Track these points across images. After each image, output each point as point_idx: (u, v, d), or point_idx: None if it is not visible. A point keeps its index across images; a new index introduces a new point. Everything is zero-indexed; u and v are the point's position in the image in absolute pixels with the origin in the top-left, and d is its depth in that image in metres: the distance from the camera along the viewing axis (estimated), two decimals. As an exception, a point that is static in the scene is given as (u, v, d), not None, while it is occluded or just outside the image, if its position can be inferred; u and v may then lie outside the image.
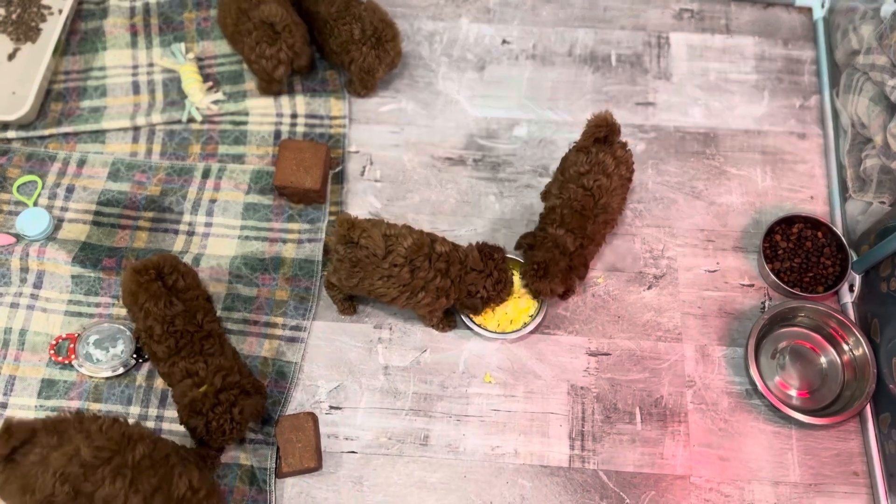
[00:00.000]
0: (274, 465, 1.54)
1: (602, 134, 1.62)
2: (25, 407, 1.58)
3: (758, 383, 1.59)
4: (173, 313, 1.47)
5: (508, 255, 1.67)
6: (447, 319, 1.68)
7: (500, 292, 1.58)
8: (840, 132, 1.87)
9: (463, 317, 1.67)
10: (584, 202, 1.60)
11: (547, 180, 1.83)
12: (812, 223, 1.76)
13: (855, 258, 1.71)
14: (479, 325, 1.67)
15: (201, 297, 1.53)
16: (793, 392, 1.65)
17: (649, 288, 1.75)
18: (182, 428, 1.55)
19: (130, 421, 1.54)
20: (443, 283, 1.53)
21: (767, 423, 1.62)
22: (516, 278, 1.71)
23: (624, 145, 1.66)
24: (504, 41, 2.04)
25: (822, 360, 1.68)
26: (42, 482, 1.21)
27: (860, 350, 1.61)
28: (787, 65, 2.02)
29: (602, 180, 1.60)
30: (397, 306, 1.58)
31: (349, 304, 1.68)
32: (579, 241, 1.61)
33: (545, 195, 1.78)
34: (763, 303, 1.73)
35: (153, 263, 1.50)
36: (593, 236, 1.64)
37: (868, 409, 1.59)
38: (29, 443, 1.25)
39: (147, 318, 1.47)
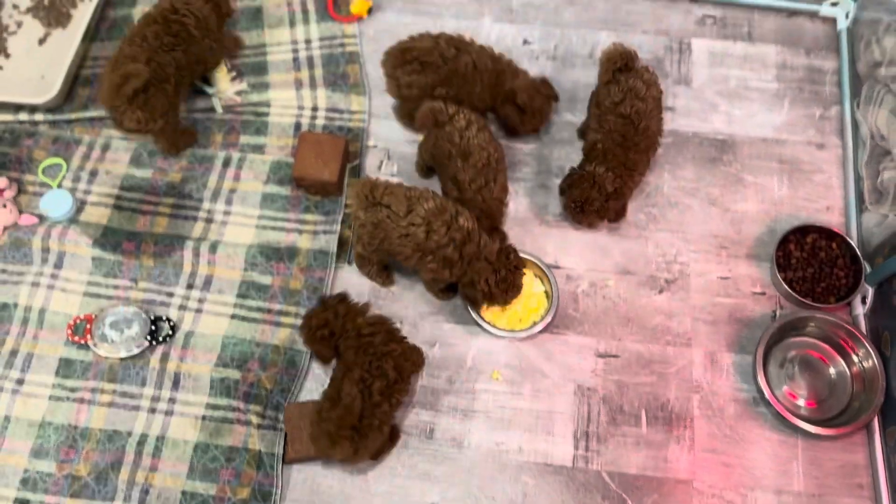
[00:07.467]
0: (281, 451, 1.56)
1: (621, 64, 1.69)
2: (43, 385, 1.61)
3: (765, 391, 1.59)
4: None
5: (522, 255, 1.68)
6: (448, 293, 1.71)
7: (503, 292, 1.59)
8: (859, 143, 1.86)
9: (473, 314, 1.68)
10: (624, 131, 1.67)
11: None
12: (826, 234, 1.75)
13: (869, 270, 1.71)
14: (488, 323, 1.68)
15: None
16: (801, 402, 1.64)
17: (660, 292, 1.75)
18: (193, 409, 1.59)
19: (144, 403, 1.58)
20: (452, 254, 1.55)
21: (773, 432, 1.62)
22: (528, 277, 1.72)
23: (647, 68, 1.72)
24: (525, 41, 2.05)
25: (832, 370, 1.67)
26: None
27: (870, 362, 1.61)
28: (808, 74, 2.01)
29: (638, 104, 1.66)
30: (410, 265, 1.61)
31: (386, 273, 1.72)
32: (619, 180, 1.69)
33: (582, 131, 1.88)
34: (774, 311, 1.73)
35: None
36: (635, 166, 1.70)
37: (875, 421, 1.59)
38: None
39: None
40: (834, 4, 2.07)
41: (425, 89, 1.78)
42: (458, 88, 1.78)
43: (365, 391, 1.44)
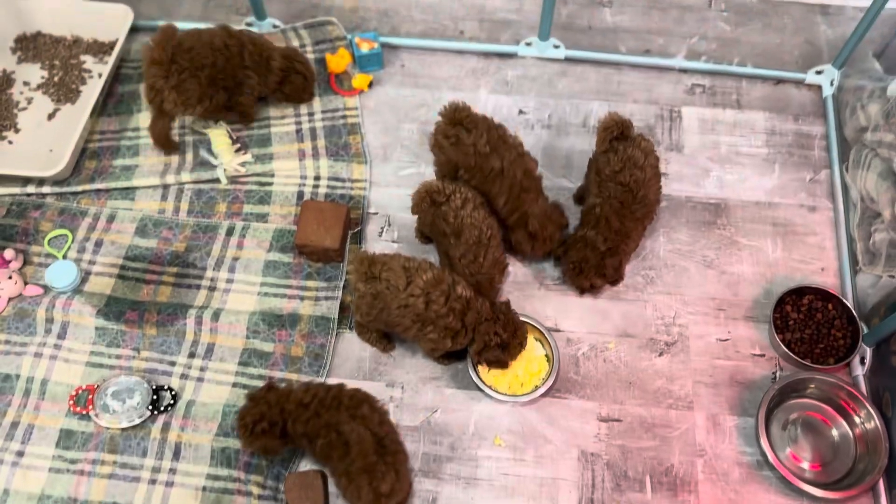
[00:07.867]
0: (282, 523, 1.54)
1: (618, 132, 1.74)
2: (43, 456, 1.60)
3: (768, 455, 1.59)
4: None
5: (523, 318, 1.70)
6: (449, 359, 1.73)
7: (513, 333, 1.61)
8: (850, 206, 1.90)
9: (474, 378, 1.68)
10: (623, 199, 1.72)
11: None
12: (822, 295, 1.77)
13: (866, 331, 1.72)
14: (490, 387, 1.68)
15: None
16: (805, 464, 1.63)
17: (661, 355, 1.76)
18: (194, 480, 1.57)
19: (145, 474, 1.57)
20: (454, 324, 1.57)
21: (779, 496, 1.60)
22: (529, 341, 1.73)
23: (643, 136, 1.77)
24: (521, 111, 2.11)
25: (834, 432, 1.67)
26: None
27: (871, 423, 1.61)
28: (797, 139, 2.07)
29: (637, 174, 1.71)
30: (408, 337, 1.63)
31: (386, 340, 1.74)
32: (610, 242, 1.73)
33: (578, 196, 1.93)
34: (774, 373, 1.74)
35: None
36: (629, 234, 1.74)
37: (881, 483, 1.57)
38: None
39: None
40: (819, 73, 2.15)
41: (452, 161, 1.77)
42: (480, 183, 1.76)
43: (360, 419, 1.47)
